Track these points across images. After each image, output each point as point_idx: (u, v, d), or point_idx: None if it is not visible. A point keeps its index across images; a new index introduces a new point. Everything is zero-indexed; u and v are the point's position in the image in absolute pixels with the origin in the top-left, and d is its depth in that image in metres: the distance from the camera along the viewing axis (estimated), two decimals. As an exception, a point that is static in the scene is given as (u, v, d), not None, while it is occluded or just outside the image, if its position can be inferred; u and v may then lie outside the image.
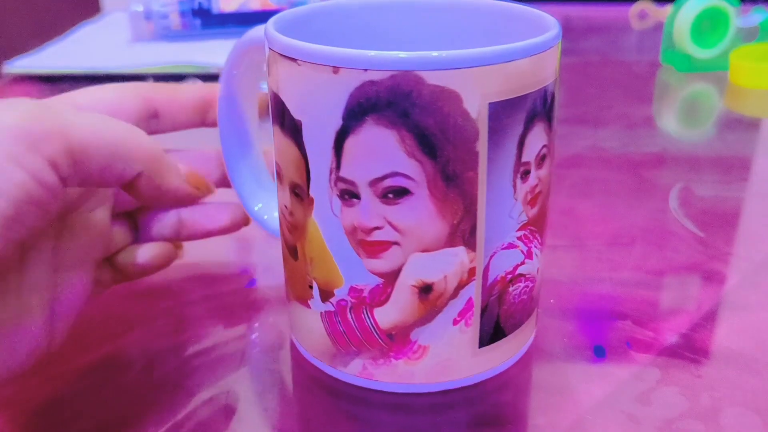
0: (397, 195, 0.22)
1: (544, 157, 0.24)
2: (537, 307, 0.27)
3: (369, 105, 0.21)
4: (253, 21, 0.69)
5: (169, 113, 0.29)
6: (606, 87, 0.63)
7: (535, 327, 0.28)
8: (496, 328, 0.25)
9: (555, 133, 0.24)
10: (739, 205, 0.41)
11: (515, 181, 0.23)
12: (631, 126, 0.52)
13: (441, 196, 0.22)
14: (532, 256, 0.25)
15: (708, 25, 0.61)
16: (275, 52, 0.23)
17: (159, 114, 0.29)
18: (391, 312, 0.24)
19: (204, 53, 0.64)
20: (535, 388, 0.27)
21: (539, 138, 0.23)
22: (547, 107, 0.23)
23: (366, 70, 0.20)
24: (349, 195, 0.22)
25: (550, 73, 0.23)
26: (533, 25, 0.24)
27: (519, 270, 0.24)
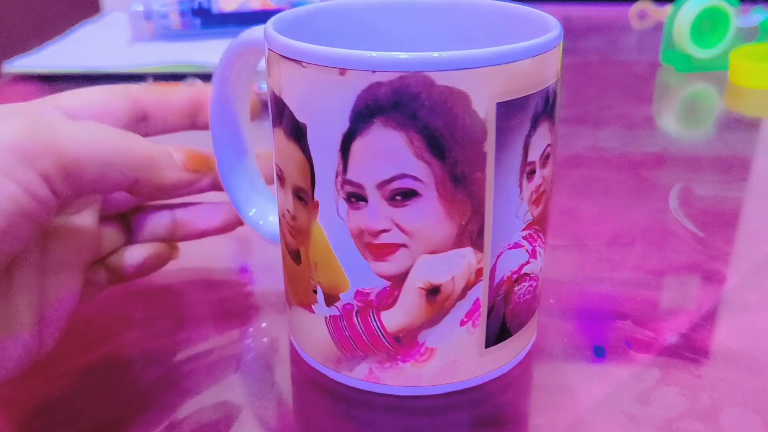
0: (405, 197, 0.22)
1: (548, 157, 0.24)
2: (538, 306, 0.27)
3: (376, 107, 0.21)
4: (253, 21, 0.69)
5: (159, 116, 0.29)
6: (606, 87, 0.63)
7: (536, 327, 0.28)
8: (502, 328, 0.25)
9: (557, 132, 0.24)
10: (739, 205, 0.41)
11: (521, 181, 0.23)
12: (631, 126, 0.52)
13: (449, 197, 0.22)
14: (536, 256, 0.25)
15: (708, 25, 0.61)
16: (277, 53, 0.22)
17: (148, 116, 0.29)
18: (398, 315, 0.23)
19: (204, 53, 0.64)
20: (536, 388, 0.27)
21: (544, 138, 0.23)
22: (551, 106, 0.23)
23: (374, 71, 0.20)
24: (356, 198, 0.22)
25: (553, 72, 0.23)
26: (534, 25, 0.24)
27: (524, 269, 0.24)
